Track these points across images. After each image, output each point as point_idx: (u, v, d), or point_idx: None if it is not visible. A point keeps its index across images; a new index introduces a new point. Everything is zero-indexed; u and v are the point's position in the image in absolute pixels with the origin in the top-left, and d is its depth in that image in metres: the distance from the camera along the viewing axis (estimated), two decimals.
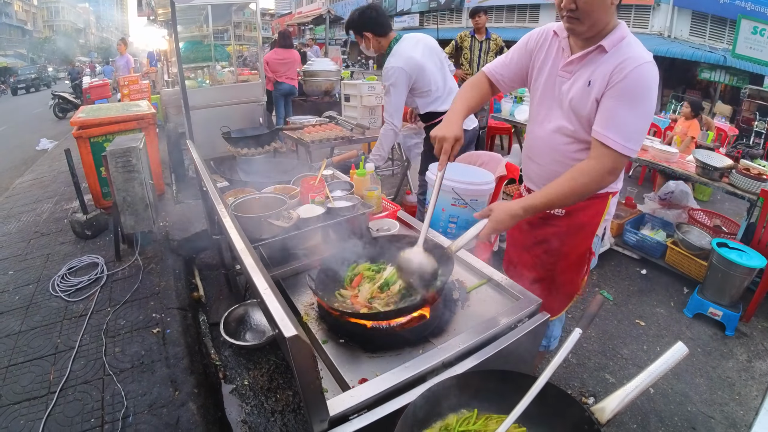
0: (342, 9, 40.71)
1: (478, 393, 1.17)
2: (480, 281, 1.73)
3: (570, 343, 1.13)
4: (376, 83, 4.37)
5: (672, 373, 2.98)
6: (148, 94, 8.37)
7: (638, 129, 1.64)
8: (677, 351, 1.09)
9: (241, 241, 1.42)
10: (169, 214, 4.35)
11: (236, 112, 5.63)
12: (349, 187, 2.14)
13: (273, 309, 1.04)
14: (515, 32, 25.44)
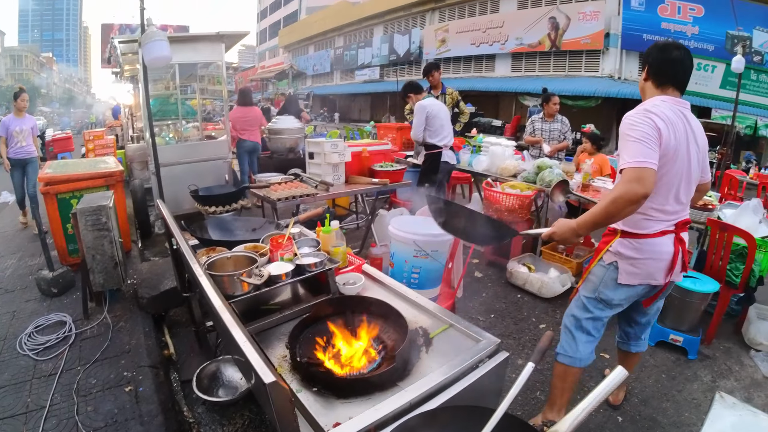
0: (303, 63, 41.60)
1: (444, 429, 1.26)
2: (442, 327, 1.85)
3: (523, 378, 1.24)
4: (338, 141, 4.53)
5: (639, 400, 3.12)
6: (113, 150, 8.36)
7: (635, 149, 2.05)
8: (618, 374, 1.20)
9: (218, 298, 1.50)
10: (136, 272, 4.34)
11: (202, 168, 5.74)
12: (315, 244, 2.25)
13: (252, 359, 1.13)
14: (472, 82, 26.42)
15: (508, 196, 4.79)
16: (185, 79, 7.37)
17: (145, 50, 3.87)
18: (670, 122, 2.16)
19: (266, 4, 57.03)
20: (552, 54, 23.88)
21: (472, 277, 4.99)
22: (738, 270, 3.88)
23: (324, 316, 1.84)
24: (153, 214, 5.90)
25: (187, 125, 7.56)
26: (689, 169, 2.27)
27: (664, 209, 2.29)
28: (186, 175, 5.30)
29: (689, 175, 2.29)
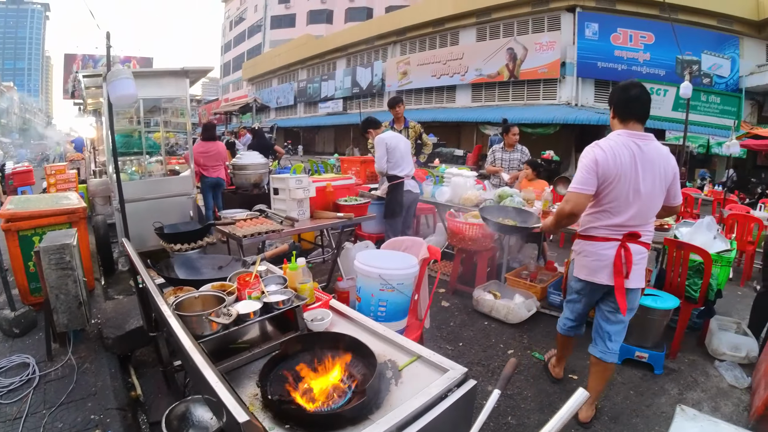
0: (267, 96, 41.76)
1: None
2: (410, 359, 1.88)
3: (489, 405, 1.28)
4: (303, 176, 4.57)
5: (609, 417, 3.20)
6: (75, 184, 8.19)
7: (577, 177, 2.83)
8: (579, 396, 1.25)
9: (187, 339, 1.51)
10: (101, 311, 4.25)
11: (167, 205, 5.71)
12: (282, 281, 2.26)
13: (225, 399, 1.15)
14: (434, 113, 26.91)
15: (471, 225, 4.89)
16: (148, 111, 7.32)
17: (110, 88, 3.85)
18: (614, 153, 2.71)
19: (230, 38, 57.41)
20: (511, 84, 24.57)
21: (439, 306, 5.03)
22: (696, 285, 4.05)
23: (294, 353, 1.85)
24: (116, 251, 5.80)
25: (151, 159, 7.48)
26: (637, 190, 2.74)
27: (610, 220, 2.84)
28: (150, 211, 5.26)
29: (637, 194, 2.75)
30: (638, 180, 2.73)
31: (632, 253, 2.83)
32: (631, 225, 2.82)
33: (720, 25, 21.99)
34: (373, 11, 42.33)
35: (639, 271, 2.91)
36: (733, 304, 5.55)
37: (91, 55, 34.35)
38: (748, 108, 21.63)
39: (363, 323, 2.20)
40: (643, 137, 2.77)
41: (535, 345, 4.26)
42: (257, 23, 49.88)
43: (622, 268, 2.82)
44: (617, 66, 21.43)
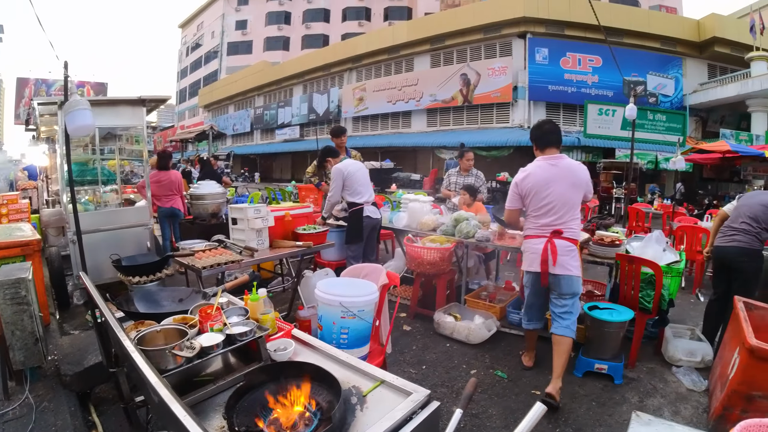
0: (223, 123, 41.48)
1: None
2: (374, 384, 1.91)
3: (452, 424, 1.32)
4: (261, 206, 4.57)
5: (573, 429, 3.30)
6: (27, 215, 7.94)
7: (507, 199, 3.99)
8: (537, 410, 1.31)
9: (152, 373, 1.50)
10: (57, 347, 4.12)
11: (123, 236, 5.62)
12: (244, 313, 2.26)
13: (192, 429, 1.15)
14: (390, 138, 27.24)
15: (429, 250, 4.97)
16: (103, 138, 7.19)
17: (68, 119, 3.77)
18: (529, 174, 3.81)
19: (186, 63, 56.85)
20: (465, 108, 25.15)
21: (401, 330, 5.07)
22: (649, 296, 4.23)
23: (258, 384, 1.86)
24: (71, 284, 5.62)
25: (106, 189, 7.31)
26: (550, 198, 3.70)
27: (537, 222, 3.81)
28: (106, 242, 5.16)
29: (551, 201, 3.71)
30: (552, 190, 3.70)
31: (557, 246, 3.68)
32: (555, 224, 3.73)
33: (664, 47, 23.24)
34: (329, 38, 42.86)
35: (569, 261, 3.71)
36: (687, 312, 5.79)
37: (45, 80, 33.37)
38: (692, 124, 22.69)
39: (326, 351, 2.22)
40: (556, 158, 3.79)
41: (497, 364, 4.33)
42: (214, 49, 49.75)
43: (547, 258, 3.69)
44: (567, 89, 22.28)
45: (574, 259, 3.74)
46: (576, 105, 22.07)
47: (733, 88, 21.07)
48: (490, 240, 4.97)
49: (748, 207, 4.36)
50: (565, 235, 3.71)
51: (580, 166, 3.83)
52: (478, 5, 24.93)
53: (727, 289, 4.40)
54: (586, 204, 5.76)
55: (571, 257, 3.71)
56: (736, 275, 4.34)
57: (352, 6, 43.71)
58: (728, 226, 4.46)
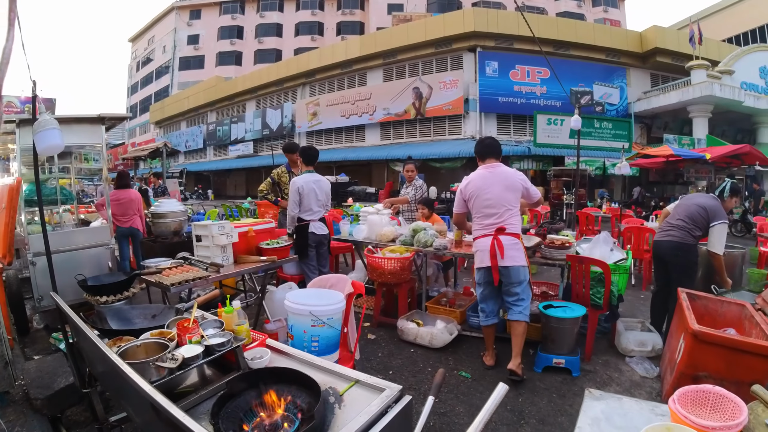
0: (176, 139, 40.75)
1: None
2: (349, 384, 2.04)
3: (426, 411, 1.47)
4: (225, 223, 4.65)
5: (537, 420, 3.48)
6: None
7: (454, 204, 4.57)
8: (500, 390, 1.47)
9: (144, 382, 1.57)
10: (23, 372, 4.04)
11: (84, 256, 5.55)
12: (219, 325, 2.35)
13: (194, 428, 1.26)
14: (345, 152, 27.36)
15: (389, 260, 5.13)
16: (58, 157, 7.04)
17: (37, 139, 3.76)
18: (470, 181, 4.36)
19: (137, 79, 55.52)
20: (418, 121, 25.54)
21: (366, 339, 5.20)
22: (600, 293, 4.50)
23: (240, 391, 1.96)
24: (29, 307, 5.51)
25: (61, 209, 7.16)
26: (489, 200, 4.20)
27: (482, 223, 4.26)
28: (66, 263, 5.06)
29: (491, 203, 4.20)
30: (491, 192, 4.21)
31: (503, 241, 4.13)
32: (497, 222, 4.18)
33: (609, 58, 24.29)
34: (282, 53, 42.78)
35: (514, 254, 4.15)
36: (638, 307, 6.13)
37: None
38: (638, 131, 23.69)
39: (300, 357, 2.33)
40: (493, 166, 4.33)
41: (461, 365, 4.52)
42: (165, 64, 48.91)
43: (495, 252, 4.13)
44: (517, 100, 22.96)
45: (519, 251, 4.20)
46: (526, 116, 22.80)
47: (675, 96, 22.22)
48: (448, 248, 5.17)
49: (685, 207, 4.74)
50: (507, 231, 4.18)
51: (514, 172, 4.37)
52: (429, 20, 25.50)
53: (667, 281, 4.76)
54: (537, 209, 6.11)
55: (516, 249, 4.18)
56: (672, 267, 4.70)
57: (305, 21, 43.93)
58: (666, 222, 4.86)
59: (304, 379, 1.96)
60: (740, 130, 25.58)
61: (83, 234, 5.89)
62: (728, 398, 1.56)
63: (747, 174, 19.15)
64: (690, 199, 4.84)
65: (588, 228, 10.75)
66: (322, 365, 2.22)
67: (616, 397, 1.78)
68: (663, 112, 24.16)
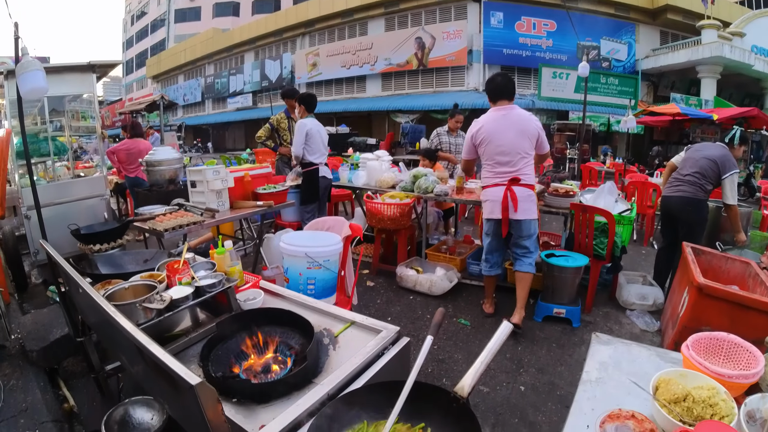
0: (173, 93, 40.18)
1: (364, 407, 1.37)
2: (345, 325, 1.97)
3: (424, 350, 1.39)
4: (220, 167, 4.53)
5: (536, 369, 3.44)
6: None
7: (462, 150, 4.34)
8: (504, 328, 1.39)
9: (128, 322, 1.48)
10: (20, 325, 4.00)
11: (79, 208, 5.48)
12: (211, 267, 2.27)
13: (175, 366, 1.17)
14: (345, 103, 26.99)
15: (389, 206, 5.03)
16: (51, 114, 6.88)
17: (20, 81, 3.61)
18: (484, 123, 4.01)
19: (132, 33, 54.30)
20: (420, 72, 25.05)
21: (365, 286, 5.16)
22: (603, 244, 4.39)
23: (231, 333, 1.89)
24: (27, 264, 5.47)
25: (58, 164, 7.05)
26: (503, 146, 3.92)
27: (494, 171, 4.00)
28: (61, 216, 4.98)
29: (504, 149, 3.92)
30: (504, 137, 3.91)
31: (517, 193, 3.89)
32: (511, 172, 3.93)
33: (618, 13, 23.62)
34: (280, 3, 41.60)
35: (528, 206, 3.95)
36: (639, 262, 6.06)
37: None
38: (644, 89, 23.25)
39: (294, 299, 2.26)
40: (507, 108, 3.99)
41: (460, 313, 4.48)
42: (160, 17, 47.71)
43: (508, 204, 3.90)
44: (522, 52, 22.44)
45: (533, 204, 4.01)
46: (530, 68, 22.30)
47: (684, 55, 21.69)
48: (449, 194, 5.06)
49: (694, 160, 4.53)
50: (522, 182, 3.94)
51: (530, 116, 4.05)
52: None
53: (675, 237, 4.62)
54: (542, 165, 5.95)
55: (530, 202, 3.98)
56: (682, 224, 4.55)
57: None
58: (675, 177, 4.66)
59: (297, 320, 1.89)
60: (748, 94, 25.03)
61: (78, 186, 5.78)
62: (743, 347, 1.48)
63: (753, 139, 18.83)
64: (698, 152, 4.61)
65: (591, 182, 10.64)
66: (317, 306, 2.15)
67: (624, 342, 1.70)
68: (671, 71, 23.61)
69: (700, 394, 1.25)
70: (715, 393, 1.25)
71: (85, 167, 8.88)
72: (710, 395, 1.24)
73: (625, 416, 1.17)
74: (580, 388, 1.46)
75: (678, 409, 1.24)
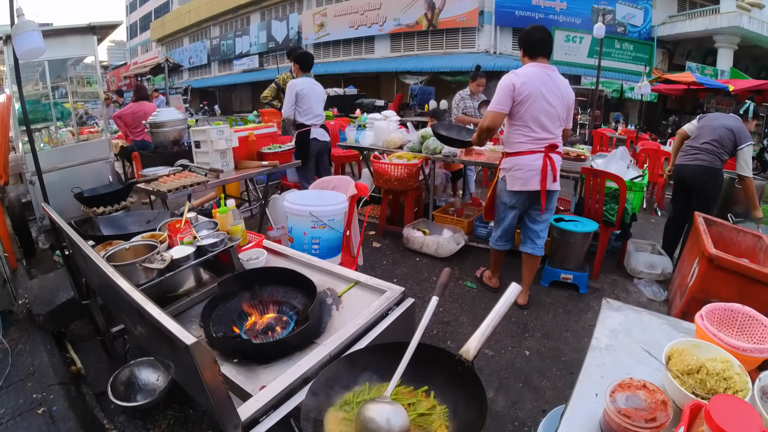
0: (179, 56, 39.76)
1: (367, 369, 1.34)
2: (349, 285, 1.93)
3: (429, 310, 1.35)
4: (224, 127, 4.46)
5: (541, 334, 3.42)
6: None
7: (495, 98, 3.46)
8: (512, 290, 1.35)
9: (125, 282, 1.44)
10: (27, 290, 4.01)
11: (83, 172, 5.44)
12: (213, 226, 2.22)
13: (170, 326, 1.13)
14: (353, 64, 26.60)
15: (397, 166, 4.96)
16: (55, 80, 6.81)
17: (16, 42, 3.51)
18: (528, 78, 3.36)
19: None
20: (430, 33, 24.53)
21: (371, 247, 5.14)
22: (613, 210, 4.30)
23: (233, 292, 1.86)
24: (34, 230, 5.48)
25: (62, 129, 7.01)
26: (548, 108, 3.41)
27: (531, 135, 3.47)
28: (66, 180, 4.95)
29: (549, 112, 3.43)
30: (548, 100, 3.41)
31: (555, 161, 3.52)
32: (549, 138, 3.49)
33: None
34: None
35: (557, 176, 3.58)
36: (648, 231, 5.99)
37: None
38: (659, 56, 22.69)
39: (298, 258, 2.23)
40: (550, 68, 3.47)
41: (466, 275, 4.46)
42: None
43: (547, 174, 3.48)
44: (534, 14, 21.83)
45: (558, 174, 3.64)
46: None
47: (701, 23, 21.03)
48: (457, 155, 4.98)
49: (711, 128, 4.40)
50: (558, 150, 3.59)
51: (570, 87, 3.62)
52: None
53: (686, 207, 4.53)
54: None
55: (559, 171, 3.63)
56: (697, 193, 4.45)
57: None
58: (690, 146, 4.52)
59: (300, 279, 1.85)
60: (765, 67, 24.40)
61: (82, 149, 5.75)
62: (758, 320, 1.42)
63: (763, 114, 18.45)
64: (714, 120, 4.47)
65: (602, 148, 10.49)
66: (320, 266, 2.11)
67: (635, 310, 1.65)
68: (687, 39, 22.91)
69: (714, 367, 1.20)
70: (729, 366, 1.20)
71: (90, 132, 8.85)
72: (724, 368, 1.19)
73: (636, 386, 1.12)
74: (589, 354, 1.41)
75: (691, 381, 1.20)
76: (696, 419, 1.01)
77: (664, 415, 1.02)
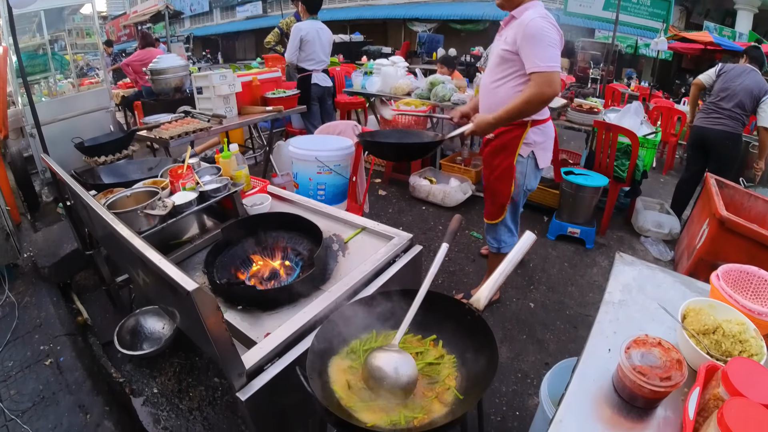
0: (180, 4, 38.69)
1: (373, 316, 1.31)
2: (355, 231, 1.89)
3: (439, 257, 1.31)
4: (227, 72, 4.35)
5: (546, 287, 3.39)
6: None
7: (549, 54, 2.30)
8: (527, 239, 1.31)
9: (125, 228, 1.41)
10: (31, 243, 3.98)
11: (84, 122, 5.32)
12: (216, 171, 2.18)
13: (171, 272, 1.10)
14: (360, 10, 25.88)
15: (404, 113, 4.83)
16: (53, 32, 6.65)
17: None
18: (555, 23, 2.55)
19: None
20: None
21: (377, 195, 5.09)
22: (624, 166, 4.20)
23: (237, 239, 1.83)
24: (38, 183, 5.43)
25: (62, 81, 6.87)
26: None
27: None
28: (66, 131, 4.81)
29: None
30: None
31: None
32: None
33: None
34: None
35: None
36: (657, 190, 5.88)
37: None
38: (677, 13, 21.93)
39: (303, 204, 2.19)
40: None
41: (473, 225, 4.41)
42: None
43: None
44: None
45: None
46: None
47: None
48: (467, 103, 4.85)
49: (734, 92, 4.21)
50: None
51: None
52: None
53: (701, 168, 4.44)
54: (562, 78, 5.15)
55: None
56: (717, 157, 4.34)
57: None
58: (713, 108, 4.33)
59: (306, 225, 1.81)
60: None
61: (81, 99, 5.61)
62: None
63: None
64: (736, 81, 4.23)
65: (614, 104, 10.25)
66: (327, 212, 2.07)
67: (648, 266, 1.60)
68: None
69: (730, 328, 1.16)
70: (745, 329, 1.16)
71: (91, 83, 8.71)
72: (740, 330, 1.15)
73: (651, 343, 1.08)
74: (602, 309, 1.37)
75: (706, 341, 1.16)
76: (711, 380, 0.98)
77: (679, 375, 0.99)
